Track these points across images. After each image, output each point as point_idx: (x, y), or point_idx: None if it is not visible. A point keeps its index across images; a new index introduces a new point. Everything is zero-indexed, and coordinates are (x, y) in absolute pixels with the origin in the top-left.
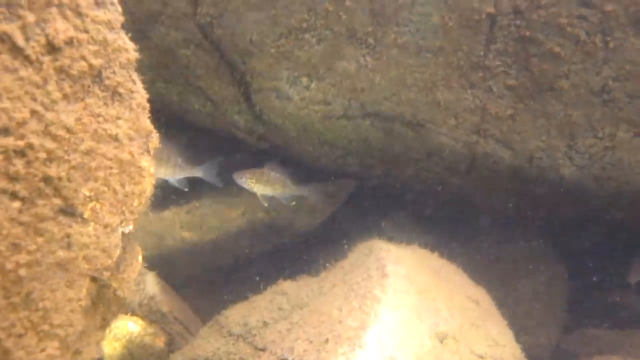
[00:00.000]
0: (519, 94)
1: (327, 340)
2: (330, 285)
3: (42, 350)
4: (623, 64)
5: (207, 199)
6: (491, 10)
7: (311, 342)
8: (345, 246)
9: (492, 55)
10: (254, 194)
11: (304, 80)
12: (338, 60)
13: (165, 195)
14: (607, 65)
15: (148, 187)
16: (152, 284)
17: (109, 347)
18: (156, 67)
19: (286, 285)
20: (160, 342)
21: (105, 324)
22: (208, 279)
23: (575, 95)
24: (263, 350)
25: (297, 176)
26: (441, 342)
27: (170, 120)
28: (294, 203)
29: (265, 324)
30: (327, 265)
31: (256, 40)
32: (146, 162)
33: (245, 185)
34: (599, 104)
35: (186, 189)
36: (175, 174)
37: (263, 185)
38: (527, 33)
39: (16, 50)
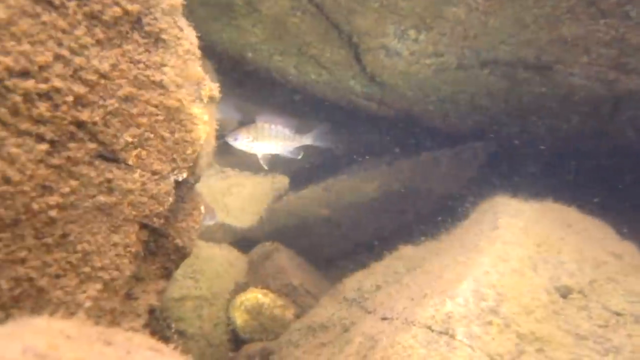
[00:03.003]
0: None
1: (425, 295)
2: (446, 245)
3: (84, 291)
4: None
5: (343, 175)
6: None
7: (412, 299)
8: (467, 205)
9: None
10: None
11: (412, 32)
12: (446, 6)
13: (304, 173)
14: None
15: (202, 134)
16: (284, 259)
17: (240, 320)
18: (271, 41)
19: (405, 250)
20: (289, 314)
21: (166, 273)
22: (349, 254)
23: None
24: (372, 312)
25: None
26: (564, 297)
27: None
28: (300, 156)
29: (378, 287)
30: (449, 227)
31: None
32: (198, 109)
33: (242, 146)
34: None
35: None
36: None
37: (262, 142)
38: None
39: None
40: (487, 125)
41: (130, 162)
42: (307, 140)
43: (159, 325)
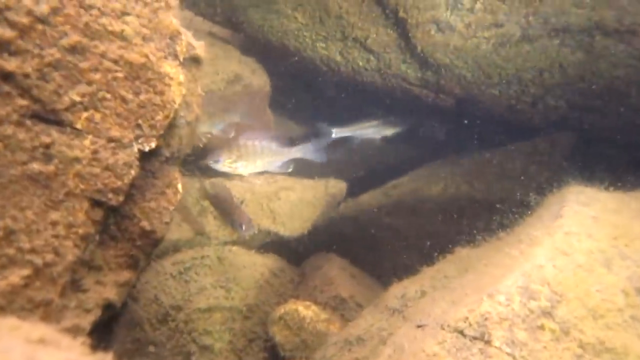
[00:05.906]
0: None
1: (465, 295)
2: (504, 242)
3: (3, 277)
4: None
5: (404, 178)
6: None
7: (453, 302)
8: (534, 197)
9: None
10: None
11: (466, 1)
12: None
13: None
14: None
15: (177, 97)
16: (334, 269)
17: (279, 336)
18: (313, 25)
19: (462, 252)
20: (334, 329)
21: (132, 262)
22: (414, 263)
23: None
24: (409, 320)
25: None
26: None
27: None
28: (290, 169)
29: (424, 293)
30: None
31: None
32: (171, 68)
33: (225, 168)
34: None
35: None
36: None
37: (247, 162)
38: None
39: None
40: (563, 112)
41: (78, 126)
42: (296, 153)
43: (182, 339)
